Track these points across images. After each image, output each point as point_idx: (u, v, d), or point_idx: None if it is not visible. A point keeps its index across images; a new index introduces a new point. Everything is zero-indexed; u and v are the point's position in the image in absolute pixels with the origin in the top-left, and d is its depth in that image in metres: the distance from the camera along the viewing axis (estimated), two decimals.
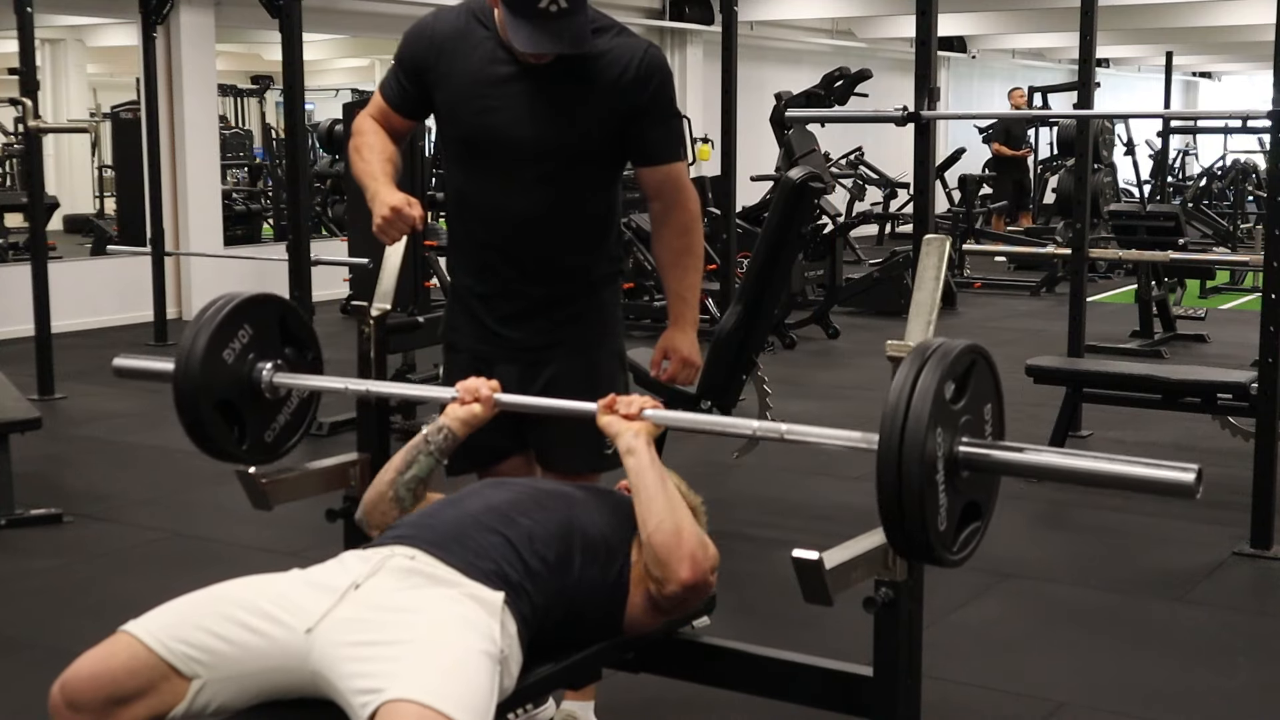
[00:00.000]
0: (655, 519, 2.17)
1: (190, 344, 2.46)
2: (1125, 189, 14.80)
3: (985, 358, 2.03)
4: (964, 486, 1.97)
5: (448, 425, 2.37)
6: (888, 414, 1.88)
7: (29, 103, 6.60)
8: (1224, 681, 3.39)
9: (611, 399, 2.31)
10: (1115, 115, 13.05)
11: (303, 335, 2.64)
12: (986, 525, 2.06)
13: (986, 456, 1.97)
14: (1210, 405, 5.04)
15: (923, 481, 1.87)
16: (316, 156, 12.88)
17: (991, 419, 2.05)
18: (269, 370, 2.53)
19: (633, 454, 2.24)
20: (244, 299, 2.54)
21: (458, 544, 2.09)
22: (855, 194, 13.11)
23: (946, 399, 1.92)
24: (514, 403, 2.41)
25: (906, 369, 1.92)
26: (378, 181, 2.60)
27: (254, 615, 1.98)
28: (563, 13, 2.44)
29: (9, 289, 8.51)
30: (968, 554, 2.01)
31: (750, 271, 4.56)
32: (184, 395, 2.46)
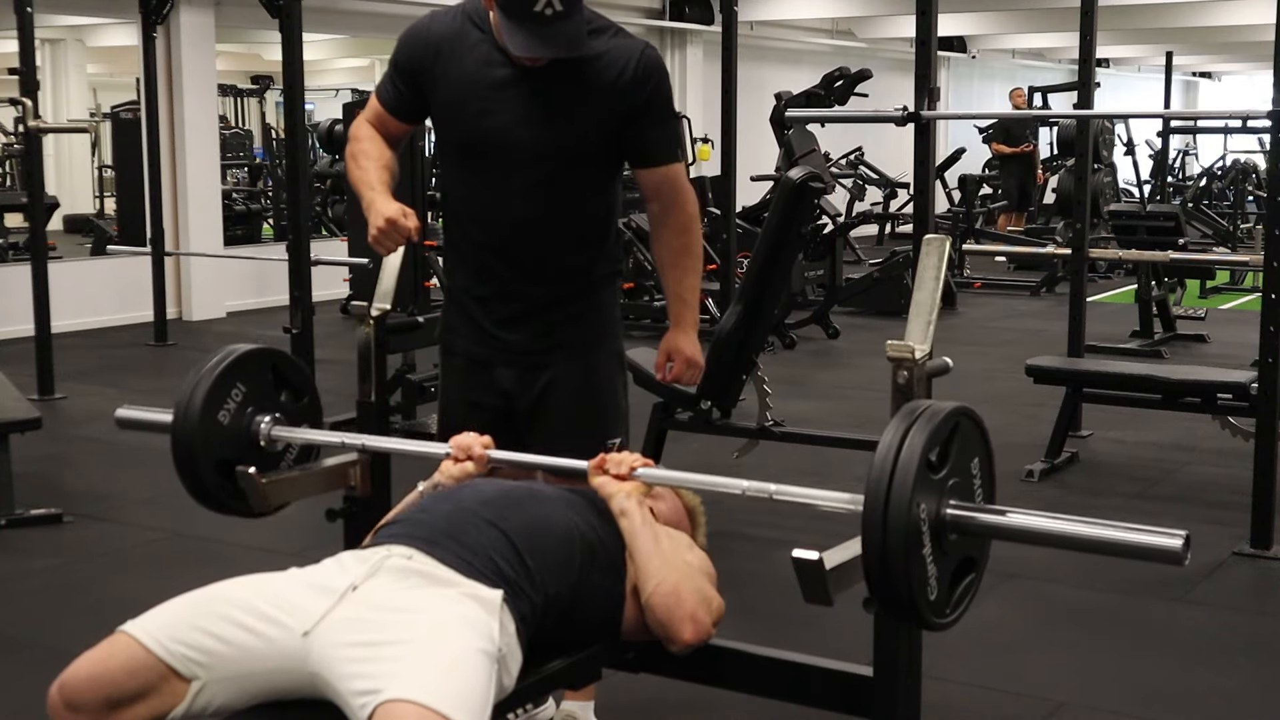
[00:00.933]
0: (653, 581, 2.17)
1: (185, 407, 2.47)
2: (1125, 189, 14.80)
3: (972, 418, 2.02)
4: (952, 548, 1.97)
5: (441, 483, 2.39)
6: (871, 481, 1.88)
7: (29, 103, 6.60)
8: (1224, 681, 3.39)
9: (602, 459, 2.32)
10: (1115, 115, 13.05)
11: (298, 381, 2.64)
12: (981, 576, 2.06)
13: (973, 520, 1.97)
14: (1210, 405, 5.04)
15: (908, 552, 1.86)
16: (316, 156, 12.87)
17: (980, 476, 2.04)
18: (267, 424, 2.55)
19: (626, 516, 2.24)
20: (234, 358, 2.52)
21: (455, 542, 2.09)
22: (855, 194, 13.11)
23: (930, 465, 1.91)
24: (506, 459, 2.43)
25: (891, 435, 1.91)
26: (374, 190, 2.58)
27: (253, 616, 1.98)
28: (558, 16, 2.43)
29: (9, 289, 8.51)
30: (961, 613, 2.01)
31: (750, 271, 4.56)
32: (183, 458, 2.48)
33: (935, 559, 1.92)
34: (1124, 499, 5.02)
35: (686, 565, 2.23)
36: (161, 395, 6.92)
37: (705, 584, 2.25)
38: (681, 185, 2.72)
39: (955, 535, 1.96)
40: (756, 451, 4.94)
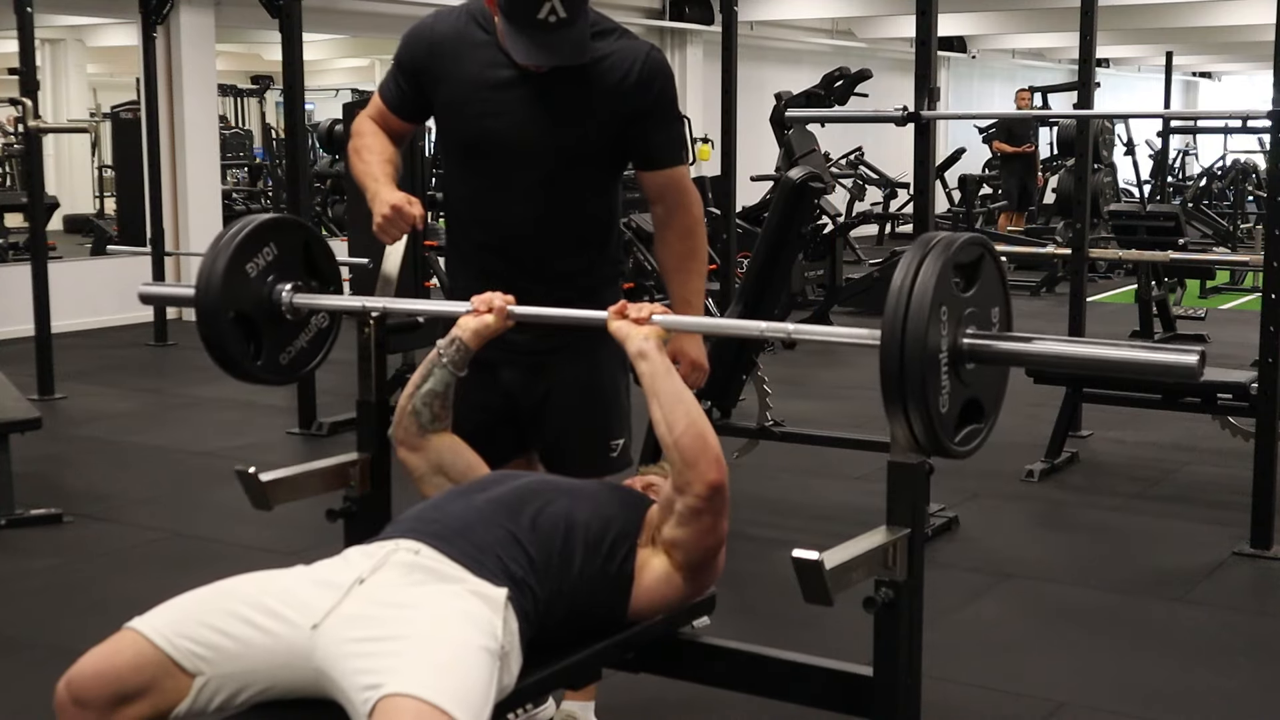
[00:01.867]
0: (681, 422, 2.19)
1: (214, 256, 2.47)
2: (1125, 189, 14.80)
3: (992, 253, 2.04)
4: (969, 379, 1.97)
5: (459, 336, 2.40)
6: (891, 297, 1.89)
7: (29, 103, 6.60)
8: (1224, 681, 3.39)
9: (622, 305, 2.33)
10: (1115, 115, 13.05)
11: (327, 268, 2.66)
12: (990, 429, 2.07)
13: (991, 347, 1.98)
14: (1210, 405, 5.04)
15: (925, 364, 1.88)
16: (316, 156, 12.87)
17: (999, 320, 2.06)
18: (289, 291, 2.55)
19: (645, 358, 2.25)
20: (272, 218, 2.58)
21: (462, 538, 2.10)
22: (855, 194, 13.11)
23: (952, 285, 1.93)
24: (527, 314, 2.43)
25: (909, 258, 1.93)
26: (378, 182, 2.59)
27: (259, 612, 1.98)
28: (561, 23, 2.41)
29: (9, 289, 8.51)
30: (970, 449, 2.02)
31: (750, 271, 4.56)
32: (204, 306, 2.47)
33: (951, 382, 1.93)
34: (1124, 499, 5.02)
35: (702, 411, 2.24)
36: (162, 395, 6.96)
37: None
38: (686, 188, 2.70)
39: (973, 365, 1.97)
40: (756, 451, 4.94)
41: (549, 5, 2.39)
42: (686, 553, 2.23)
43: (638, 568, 2.23)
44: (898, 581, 2.07)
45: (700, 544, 2.23)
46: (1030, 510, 4.90)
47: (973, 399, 2.02)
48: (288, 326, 2.59)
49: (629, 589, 2.22)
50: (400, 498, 2.60)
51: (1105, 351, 2.02)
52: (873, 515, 2.12)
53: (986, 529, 4.55)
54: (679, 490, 2.19)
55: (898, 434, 1.98)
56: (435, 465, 2.44)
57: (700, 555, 2.25)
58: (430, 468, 2.44)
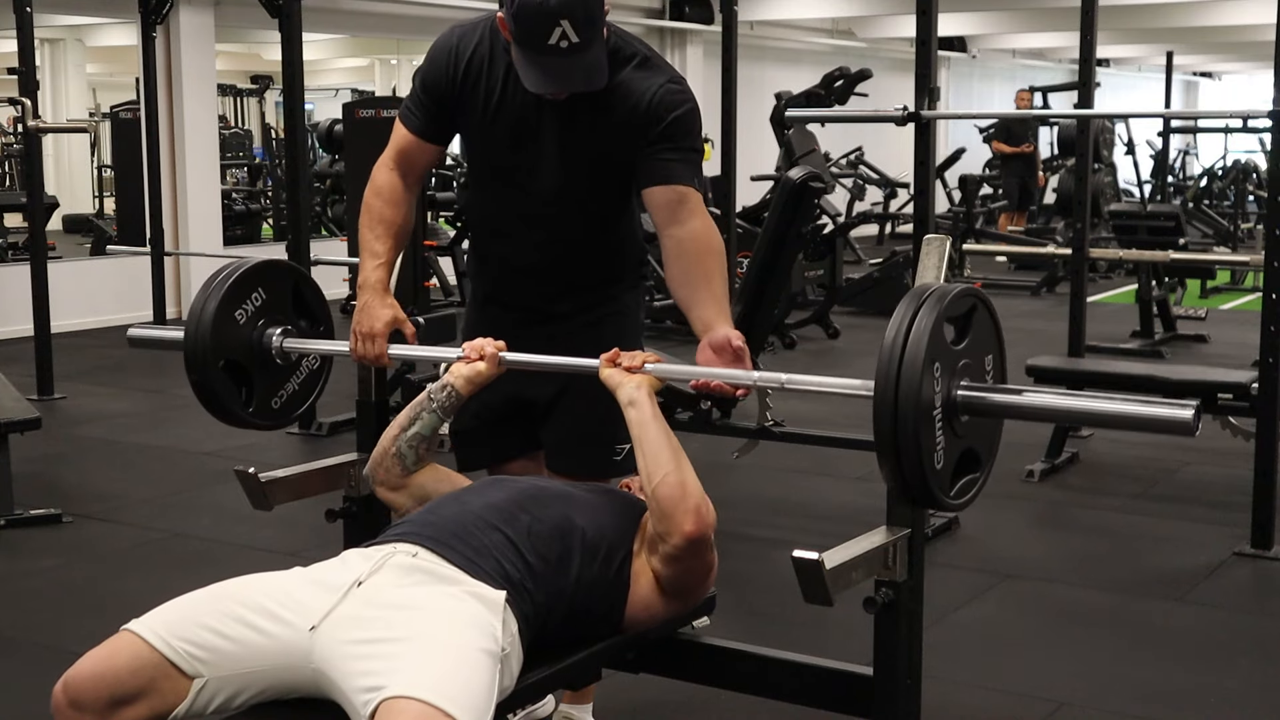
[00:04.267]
0: (660, 471, 2.18)
1: (203, 302, 2.49)
2: (1125, 189, 14.80)
3: (986, 303, 2.04)
4: (963, 431, 1.96)
5: (452, 383, 2.38)
6: (884, 354, 1.89)
7: (28, 102, 6.60)
8: (1224, 681, 3.39)
9: (614, 353, 2.32)
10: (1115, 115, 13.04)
11: (316, 308, 2.67)
12: (986, 478, 2.06)
13: (985, 399, 1.97)
14: (1210, 405, 5.03)
15: (918, 419, 1.87)
16: (316, 156, 12.87)
17: (993, 369, 2.05)
18: (279, 335, 2.56)
19: (635, 406, 2.24)
20: (260, 262, 2.58)
21: (460, 541, 2.10)
22: (855, 194, 13.10)
23: (945, 339, 1.92)
24: (519, 360, 2.41)
25: (903, 309, 1.92)
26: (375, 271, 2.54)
27: (257, 613, 1.98)
28: (574, 48, 2.33)
29: (9, 289, 8.51)
30: (965, 501, 2.01)
31: (750, 271, 4.56)
32: (193, 353, 2.48)
33: (945, 435, 1.92)
34: (1124, 499, 5.02)
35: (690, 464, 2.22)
36: (161, 395, 6.96)
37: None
38: (699, 209, 2.47)
39: (967, 417, 1.96)
40: (756, 451, 4.94)
41: (560, 30, 2.30)
42: (672, 584, 2.23)
43: (634, 575, 2.22)
44: (898, 581, 2.07)
45: (685, 580, 2.24)
46: (1030, 510, 4.89)
47: (968, 450, 2.01)
48: (279, 371, 2.59)
49: (625, 596, 2.22)
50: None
51: (1100, 405, 2.01)
52: (873, 515, 2.13)
53: (986, 529, 4.55)
54: (659, 536, 2.19)
55: (890, 484, 1.97)
56: (420, 498, 2.41)
57: (686, 585, 2.25)
58: (415, 501, 2.41)
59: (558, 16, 2.29)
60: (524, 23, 2.32)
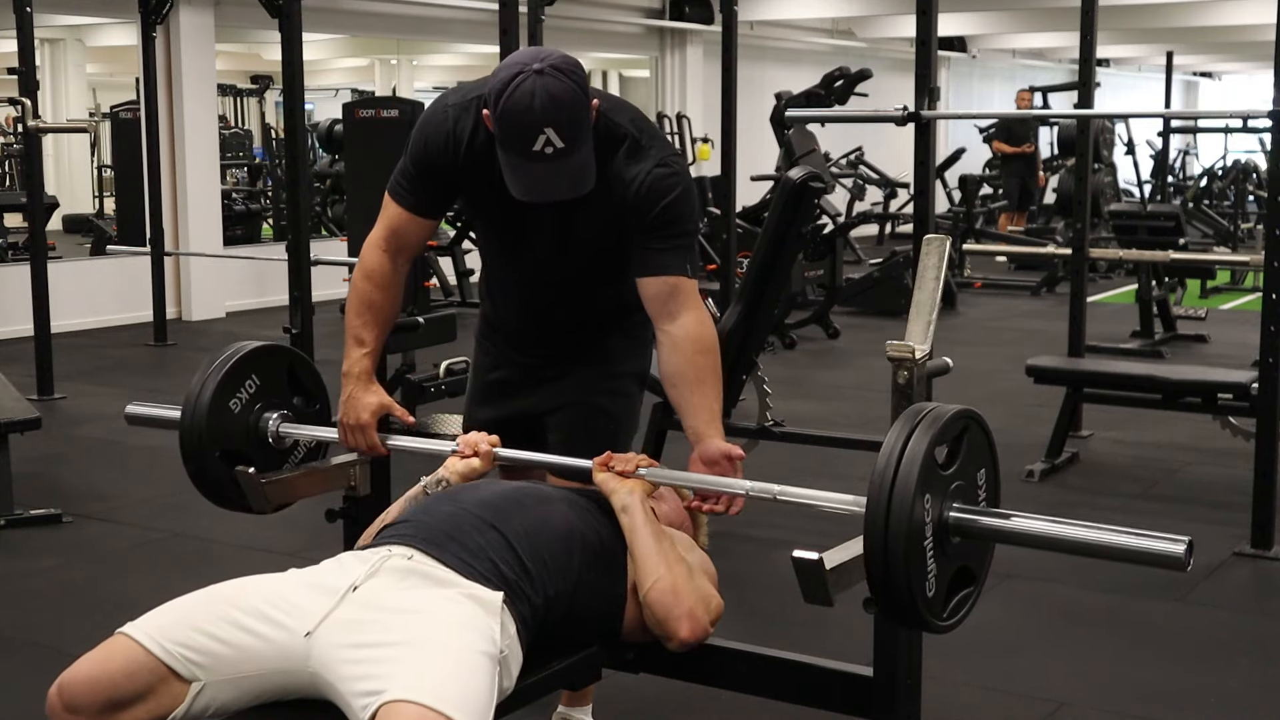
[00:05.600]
0: (651, 577, 2.18)
1: (197, 393, 2.50)
2: (1125, 189, 14.80)
3: (979, 422, 2.02)
4: (955, 553, 1.96)
5: (446, 478, 2.39)
6: (875, 478, 1.88)
7: (28, 102, 6.60)
8: (1224, 681, 3.39)
9: (607, 456, 2.32)
10: (1115, 115, 13.05)
11: (311, 385, 2.68)
12: (979, 591, 2.05)
13: (976, 523, 1.96)
14: (1210, 405, 5.04)
15: (909, 547, 1.86)
16: (316, 156, 12.88)
17: (985, 486, 2.04)
18: (275, 420, 2.57)
19: (627, 513, 2.25)
20: (252, 349, 2.57)
21: (455, 543, 2.09)
22: (855, 194, 13.10)
23: (936, 463, 1.92)
24: (512, 457, 2.44)
25: (897, 432, 1.91)
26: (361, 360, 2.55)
27: (253, 617, 1.98)
28: (560, 154, 2.26)
29: (9, 289, 8.51)
30: (958, 620, 2.01)
31: (750, 271, 4.56)
32: (189, 444, 2.50)
33: (937, 560, 1.91)
34: (1124, 499, 5.02)
35: (685, 564, 2.23)
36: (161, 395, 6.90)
37: (705, 583, 2.25)
38: (692, 299, 2.43)
39: (958, 539, 1.96)
40: (756, 451, 4.93)
41: (544, 137, 2.24)
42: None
43: (629, 590, 2.23)
44: None
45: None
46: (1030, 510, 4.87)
47: (961, 569, 2.00)
48: (276, 454, 2.60)
49: (622, 608, 2.22)
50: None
51: (1092, 535, 2.01)
52: None
53: None
54: (656, 637, 2.19)
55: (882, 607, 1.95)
56: None
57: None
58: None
59: (541, 124, 2.24)
60: (508, 128, 2.27)
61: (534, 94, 2.23)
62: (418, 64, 17.34)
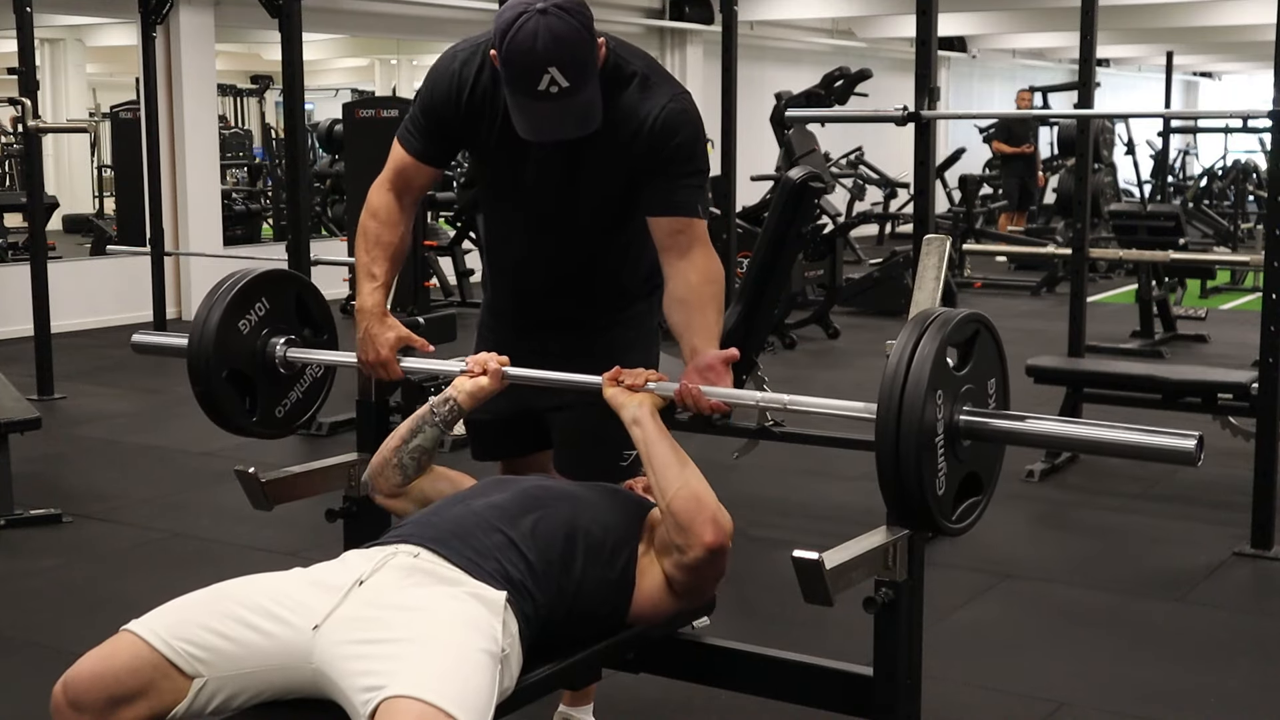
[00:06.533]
0: (673, 486, 2.18)
1: (206, 313, 2.51)
2: (1125, 189, 14.80)
3: (989, 327, 2.05)
4: (965, 456, 1.97)
5: (454, 398, 2.39)
6: (887, 378, 1.89)
7: (28, 102, 6.60)
8: (1224, 681, 3.39)
9: (616, 371, 2.32)
10: (1115, 115, 13.04)
11: (319, 317, 2.68)
12: (988, 500, 2.07)
13: (987, 425, 1.98)
14: (1210, 405, 5.03)
15: (920, 445, 1.88)
16: (316, 156, 12.87)
17: (996, 392, 2.06)
18: (282, 345, 2.57)
19: (639, 425, 2.25)
20: (262, 273, 2.59)
21: (461, 542, 2.10)
22: (855, 194, 13.09)
23: (948, 365, 1.93)
24: (522, 375, 2.42)
25: (907, 335, 1.93)
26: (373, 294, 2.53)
27: (257, 614, 1.98)
28: (565, 93, 2.26)
29: (9, 289, 8.50)
30: (968, 524, 2.03)
31: (750, 271, 4.56)
32: (196, 363, 2.50)
33: (947, 461, 1.93)
34: (1124, 499, 5.02)
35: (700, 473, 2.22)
36: (161, 395, 6.95)
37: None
38: (702, 240, 2.45)
39: (969, 441, 1.97)
40: (756, 451, 4.94)
41: (548, 76, 2.24)
42: (684, 587, 2.24)
43: (639, 573, 2.23)
44: (898, 581, 2.07)
45: (697, 583, 2.24)
46: (1030, 510, 4.89)
47: (970, 474, 2.02)
48: (282, 380, 2.61)
49: (630, 594, 2.22)
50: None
51: (1102, 433, 2.02)
52: (873, 515, 2.12)
53: (986, 529, 4.52)
54: (678, 549, 2.19)
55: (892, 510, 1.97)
56: (421, 502, 2.41)
57: (698, 588, 2.26)
58: (417, 505, 2.41)
59: (546, 63, 2.24)
60: (512, 68, 2.27)
61: (537, 34, 2.23)
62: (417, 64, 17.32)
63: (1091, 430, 2.03)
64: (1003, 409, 2.08)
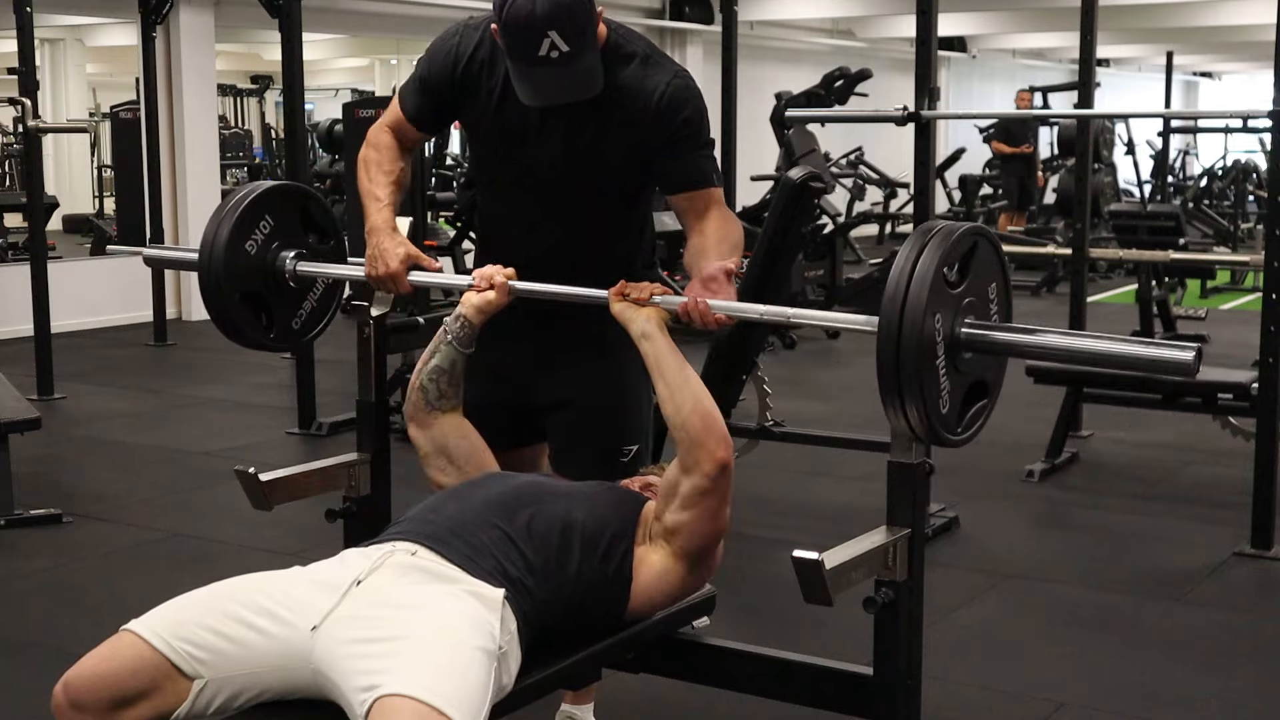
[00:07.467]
0: (686, 401, 2.20)
1: (213, 236, 2.54)
2: (1125, 189, 14.80)
3: (989, 238, 2.06)
4: (967, 367, 1.99)
5: (464, 313, 2.42)
6: (887, 297, 1.90)
7: (28, 102, 6.60)
8: (1224, 681, 3.38)
9: (622, 285, 2.33)
10: (1115, 115, 13.04)
11: (325, 223, 2.70)
12: (993, 403, 2.09)
13: (987, 337, 1.99)
14: (1210, 405, 5.04)
15: (922, 364, 1.89)
16: (316, 156, 12.88)
17: (996, 299, 2.07)
18: (292, 259, 2.60)
19: (648, 338, 2.27)
20: (264, 189, 2.61)
21: (459, 539, 2.10)
22: (855, 194, 13.10)
23: (947, 281, 1.94)
24: (528, 289, 2.43)
25: (907, 251, 1.94)
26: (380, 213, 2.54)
27: (257, 614, 1.98)
28: (565, 57, 2.28)
29: (9, 289, 8.50)
30: (973, 433, 2.04)
31: (750, 271, 4.56)
32: (210, 287, 2.54)
33: (949, 376, 1.94)
34: (1125, 499, 5.02)
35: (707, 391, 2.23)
36: (162, 395, 6.96)
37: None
38: (719, 205, 2.51)
39: (970, 354, 1.97)
40: (756, 451, 4.94)
41: (549, 40, 2.26)
42: (688, 538, 2.22)
43: (635, 566, 2.22)
44: (898, 581, 2.07)
45: (702, 529, 2.22)
46: (1030, 510, 4.89)
47: (974, 382, 2.03)
48: (294, 294, 2.65)
49: (627, 588, 2.22)
50: (400, 498, 2.60)
51: (1101, 345, 2.04)
52: (873, 515, 2.13)
53: (986, 529, 4.55)
54: (686, 470, 2.20)
55: (896, 425, 1.98)
56: (440, 446, 2.44)
57: (701, 542, 2.24)
58: (435, 448, 2.45)
59: (545, 27, 2.26)
60: (512, 34, 2.30)
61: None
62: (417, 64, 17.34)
63: (1090, 342, 2.05)
64: (1005, 317, 2.10)
